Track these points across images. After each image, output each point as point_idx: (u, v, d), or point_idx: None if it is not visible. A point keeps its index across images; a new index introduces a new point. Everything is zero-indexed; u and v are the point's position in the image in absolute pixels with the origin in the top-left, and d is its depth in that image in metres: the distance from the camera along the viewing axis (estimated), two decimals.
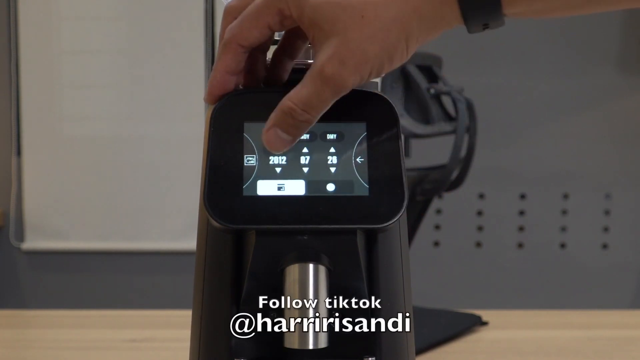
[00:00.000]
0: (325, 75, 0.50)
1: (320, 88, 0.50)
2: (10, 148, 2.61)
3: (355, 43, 0.49)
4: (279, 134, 0.51)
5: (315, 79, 0.50)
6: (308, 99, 0.50)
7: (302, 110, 0.50)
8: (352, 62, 0.49)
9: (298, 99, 0.50)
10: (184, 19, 2.55)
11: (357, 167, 0.52)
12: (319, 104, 0.50)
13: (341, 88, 0.50)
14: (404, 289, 0.55)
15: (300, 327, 0.50)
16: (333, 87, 0.50)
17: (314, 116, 0.51)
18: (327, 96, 0.50)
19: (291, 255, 0.51)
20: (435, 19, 0.50)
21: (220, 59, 0.53)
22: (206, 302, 0.54)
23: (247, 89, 0.55)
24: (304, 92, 0.50)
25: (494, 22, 0.51)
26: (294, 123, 0.50)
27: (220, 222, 0.50)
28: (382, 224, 0.50)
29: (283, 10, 0.51)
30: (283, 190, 0.51)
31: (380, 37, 0.49)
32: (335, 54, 0.49)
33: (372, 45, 0.49)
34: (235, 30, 0.52)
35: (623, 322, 1.21)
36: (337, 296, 0.52)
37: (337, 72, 0.49)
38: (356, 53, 0.49)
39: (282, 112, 0.50)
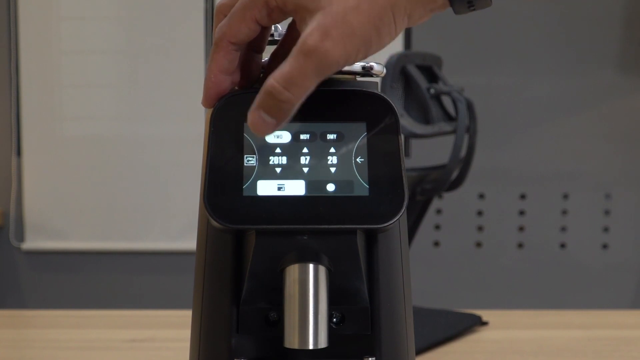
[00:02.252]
0: (307, 48, 0.47)
1: (301, 63, 0.48)
2: (10, 148, 2.61)
3: (340, 15, 0.48)
4: (262, 116, 0.49)
5: (297, 54, 0.48)
6: (289, 75, 0.48)
7: (283, 88, 0.48)
8: (335, 32, 0.48)
9: (280, 76, 0.48)
10: (184, 19, 2.55)
11: (357, 167, 0.52)
12: (301, 80, 0.48)
13: (324, 61, 0.48)
14: (404, 289, 0.55)
15: (300, 327, 0.50)
16: (316, 60, 0.48)
17: (296, 95, 0.48)
18: (310, 71, 0.48)
19: (291, 255, 0.51)
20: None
21: (213, 59, 0.52)
22: (206, 302, 0.54)
23: (247, 89, 0.55)
24: (285, 68, 0.48)
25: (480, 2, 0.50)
26: (275, 103, 0.48)
27: (220, 222, 0.50)
28: (382, 224, 0.50)
29: (269, 3, 0.50)
30: (283, 190, 0.51)
31: (365, 8, 0.48)
32: (317, 26, 0.48)
33: (357, 16, 0.48)
34: (225, 28, 0.51)
35: (623, 322, 1.21)
36: (337, 296, 0.52)
37: (319, 43, 0.47)
38: (340, 24, 0.48)
39: (265, 92, 0.48)
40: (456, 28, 2.53)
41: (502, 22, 2.55)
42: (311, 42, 0.47)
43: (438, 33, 2.51)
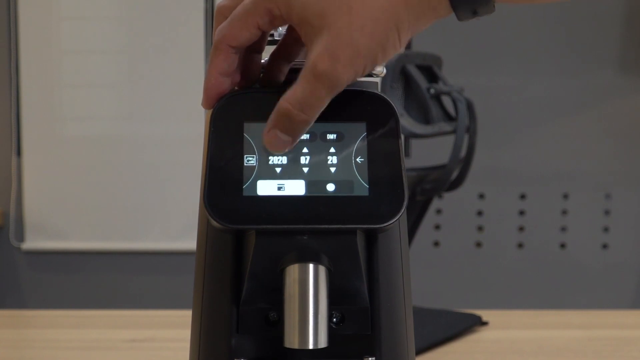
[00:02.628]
0: (318, 73, 0.49)
1: (314, 86, 0.49)
2: (10, 148, 2.61)
3: (346, 36, 0.49)
4: (279, 135, 0.50)
5: (308, 78, 0.49)
6: (303, 98, 0.49)
7: (299, 111, 0.49)
8: (344, 56, 0.49)
9: (294, 100, 0.50)
10: (184, 19, 2.55)
11: (357, 167, 0.52)
12: (315, 102, 0.50)
13: (335, 84, 0.49)
14: (404, 289, 0.55)
15: (300, 327, 0.50)
16: (327, 84, 0.49)
17: (311, 115, 0.50)
18: (322, 94, 0.49)
19: (291, 255, 0.51)
20: (422, 6, 0.50)
21: (212, 62, 0.53)
22: (206, 302, 0.54)
23: (247, 89, 0.55)
24: (298, 91, 0.49)
25: (483, 8, 0.50)
26: (291, 125, 0.50)
27: (220, 222, 0.50)
28: (382, 224, 0.50)
29: (272, 10, 0.50)
30: (283, 190, 0.51)
31: (370, 28, 0.49)
32: (326, 50, 0.49)
33: (363, 36, 0.49)
34: (225, 31, 0.52)
35: (623, 322, 1.21)
36: (337, 296, 0.52)
37: (329, 68, 0.49)
38: (347, 46, 0.49)
39: (279, 113, 0.50)
40: (456, 28, 2.53)
41: (502, 22, 2.55)
42: (322, 67, 0.49)
43: (438, 33, 2.51)
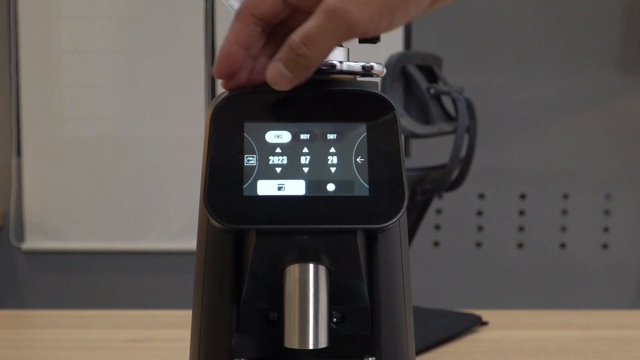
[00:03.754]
0: (328, 8, 0.48)
1: (322, 21, 0.49)
2: (10, 148, 2.61)
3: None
4: (281, 69, 0.50)
5: (320, 12, 0.49)
6: (308, 31, 0.49)
7: (302, 44, 0.49)
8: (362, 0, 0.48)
9: (301, 32, 0.49)
10: (184, 19, 2.55)
11: (357, 167, 0.52)
12: (321, 38, 0.49)
13: (345, 22, 0.49)
14: (404, 289, 0.55)
15: (300, 327, 0.50)
16: (337, 20, 0.48)
17: (314, 52, 0.49)
18: (330, 30, 0.49)
19: (291, 255, 0.51)
20: None
21: (232, 29, 0.52)
22: (206, 302, 0.54)
23: (247, 88, 0.55)
24: (307, 25, 0.49)
25: None
26: (293, 57, 0.49)
27: (220, 222, 0.50)
28: (382, 224, 0.50)
29: None
30: (283, 190, 0.51)
31: None
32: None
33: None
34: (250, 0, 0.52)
35: (623, 322, 1.21)
36: (337, 296, 0.52)
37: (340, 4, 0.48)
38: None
39: (286, 45, 0.50)
40: (456, 28, 2.53)
41: (502, 22, 2.55)
42: (333, 2, 0.48)
43: (438, 33, 2.51)
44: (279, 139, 0.52)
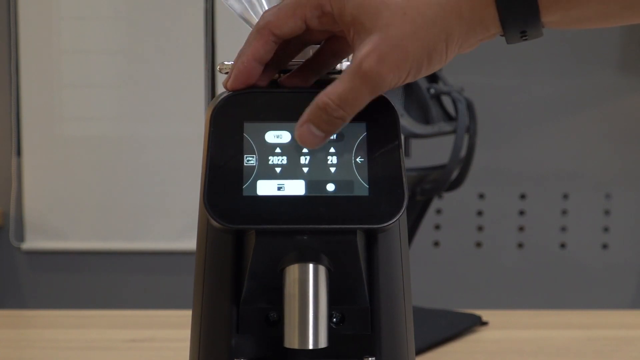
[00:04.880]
0: (363, 71, 0.49)
1: (357, 84, 0.49)
2: (10, 148, 2.61)
3: (396, 39, 0.49)
4: (312, 129, 0.50)
5: (352, 75, 0.49)
6: (344, 94, 0.50)
7: (337, 106, 0.50)
8: (391, 58, 0.49)
9: (334, 94, 0.50)
10: (184, 19, 2.55)
11: (357, 167, 0.52)
12: (355, 100, 0.50)
13: (379, 85, 0.50)
14: (404, 289, 0.55)
15: (300, 327, 0.50)
16: (370, 83, 0.49)
17: (349, 113, 0.50)
18: (364, 92, 0.50)
19: (291, 255, 0.51)
20: (474, 20, 0.50)
21: (251, 45, 0.52)
22: (206, 302, 0.54)
23: (247, 89, 0.55)
24: (340, 87, 0.50)
25: (532, 29, 0.51)
26: (327, 119, 0.50)
27: (220, 222, 0.50)
28: (382, 224, 0.50)
29: (323, 6, 0.51)
30: (283, 190, 0.51)
31: (421, 35, 0.49)
32: (374, 50, 0.49)
33: (413, 42, 0.49)
34: (271, 18, 0.52)
35: (623, 322, 1.21)
36: (337, 296, 0.52)
37: (375, 67, 0.49)
38: (396, 50, 0.49)
39: (317, 107, 0.50)
40: None
41: None
42: (367, 66, 0.49)
43: None
44: (278, 139, 0.52)
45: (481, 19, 0.50)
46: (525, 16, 0.50)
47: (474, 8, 0.50)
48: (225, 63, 0.56)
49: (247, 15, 0.59)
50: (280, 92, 0.54)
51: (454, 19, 0.50)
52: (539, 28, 0.51)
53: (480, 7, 0.50)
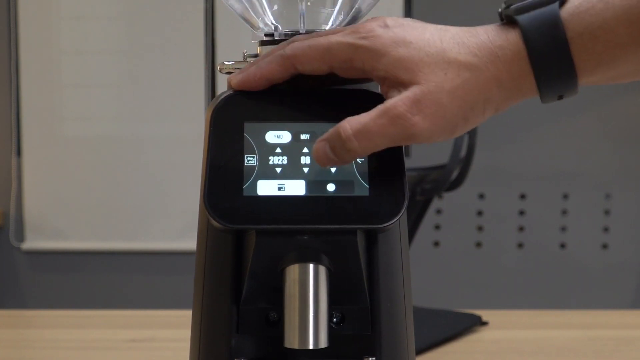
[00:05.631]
0: (394, 113, 0.48)
1: (383, 123, 0.48)
2: (10, 148, 2.61)
3: (436, 94, 0.48)
4: (326, 149, 0.49)
5: (382, 113, 0.48)
6: (365, 128, 0.48)
7: (354, 137, 0.48)
8: (428, 110, 0.48)
9: (356, 124, 0.48)
10: (184, 19, 2.55)
11: (357, 167, 0.52)
12: (374, 138, 0.48)
13: (406, 132, 0.48)
14: (404, 289, 0.55)
15: (300, 327, 0.50)
16: (398, 127, 0.48)
17: (363, 148, 0.49)
18: (386, 134, 0.48)
19: (291, 255, 0.51)
20: (513, 89, 0.50)
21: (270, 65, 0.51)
22: (206, 302, 0.54)
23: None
24: (366, 119, 0.48)
25: (569, 92, 0.50)
26: (340, 145, 0.49)
27: (220, 222, 0.50)
28: (382, 224, 0.50)
29: (353, 61, 0.50)
30: (283, 190, 0.51)
31: (460, 95, 0.49)
32: (413, 97, 0.48)
33: (452, 100, 0.48)
34: (299, 52, 0.51)
35: (623, 322, 1.21)
36: (337, 296, 0.52)
37: (409, 113, 0.48)
38: (434, 103, 0.48)
39: (336, 130, 0.49)
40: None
41: None
42: (401, 109, 0.48)
43: None
44: (279, 139, 0.52)
45: (519, 87, 0.50)
46: (563, 83, 0.50)
47: (513, 77, 0.49)
48: (225, 63, 0.56)
49: (247, 15, 0.59)
50: (280, 92, 0.53)
51: (493, 86, 0.49)
52: (576, 90, 0.50)
53: (520, 76, 0.49)
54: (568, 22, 0.49)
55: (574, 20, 0.49)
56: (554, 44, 0.48)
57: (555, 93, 0.50)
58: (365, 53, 0.49)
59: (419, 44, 0.49)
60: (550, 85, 0.50)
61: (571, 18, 0.49)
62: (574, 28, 0.49)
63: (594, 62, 0.49)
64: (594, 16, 0.48)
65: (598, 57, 0.49)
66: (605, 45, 0.48)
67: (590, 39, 0.48)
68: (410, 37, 0.50)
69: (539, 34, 0.49)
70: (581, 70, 0.49)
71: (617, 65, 0.49)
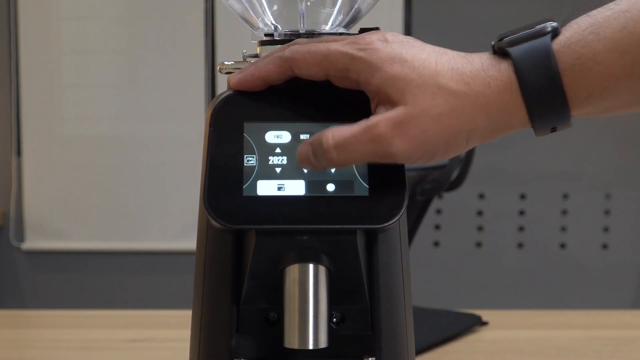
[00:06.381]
0: (375, 132, 0.48)
1: (363, 139, 0.48)
2: (10, 148, 2.61)
3: (420, 119, 0.48)
4: (308, 152, 0.50)
5: (364, 130, 0.48)
6: (346, 141, 0.49)
7: (332, 147, 0.49)
8: (409, 134, 0.48)
9: (338, 135, 0.49)
10: (184, 19, 2.55)
11: (357, 167, 0.52)
12: (352, 152, 0.49)
13: (384, 152, 0.49)
14: (404, 289, 0.55)
15: (300, 327, 0.50)
16: (376, 147, 0.48)
17: (339, 159, 0.49)
18: (365, 151, 0.49)
19: (291, 255, 0.51)
20: (502, 121, 0.50)
21: (268, 65, 0.52)
22: (206, 302, 0.54)
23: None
24: (348, 133, 0.49)
25: (562, 125, 0.50)
26: (319, 152, 0.49)
27: (220, 222, 0.50)
28: (382, 224, 0.50)
29: (349, 72, 0.50)
30: (283, 190, 0.51)
31: (444, 122, 0.49)
32: (396, 119, 0.48)
33: (434, 126, 0.49)
34: (298, 56, 0.51)
35: (623, 322, 1.21)
36: (337, 296, 0.52)
37: (389, 135, 0.48)
38: (416, 128, 0.48)
39: (319, 138, 0.49)
40: (456, 28, 2.53)
41: (502, 22, 2.54)
42: (382, 130, 0.48)
43: (438, 32, 2.51)
44: (278, 139, 0.52)
45: (509, 119, 0.50)
46: (555, 115, 0.49)
47: (502, 108, 0.49)
48: (225, 63, 0.56)
49: (247, 15, 0.59)
50: (280, 92, 0.53)
51: (480, 116, 0.49)
52: (569, 122, 0.50)
53: (510, 108, 0.49)
54: (560, 54, 0.49)
55: (565, 52, 0.49)
56: (545, 76, 0.48)
57: (548, 125, 0.50)
58: (362, 65, 0.50)
59: (414, 63, 0.49)
60: (542, 116, 0.50)
61: (563, 50, 0.49)
62: (565, 60, 0.49)
63: (586, 93, 0.49)
64: (585, 47, 0.48)
65: (590, 88, 0.49)
66: (597, 76, 0.48)
67: (581, 70, 0.48)
68: (407, 55, 0.50)
69: (530, 65, 0.49)
70: (573, 101, 0.49)
71: (609, 97, 0.49)
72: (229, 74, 0.55)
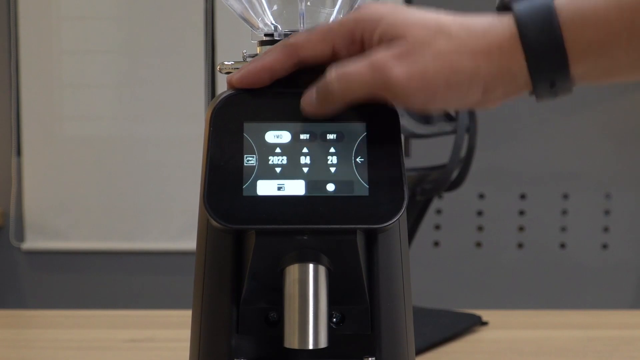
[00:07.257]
0: (374, 60, 0.49)
1: (364, 69, 0.50)
2: (10, 148, 2.61)
3: (420, 50, 0.49)
4: (312, 95, 0.51)
5: (367, 60, 0.50)
6: (347, 72, 0.50)
7: (335, 79, 0.50)
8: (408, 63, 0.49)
9: (341, 68, 0.50)
10: (184, 19, 2.55)
11: (357, 167, 0.52)
12: (354, 82, 0.50)
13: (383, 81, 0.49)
14: (404, 289, 0.55)
15: (300, 327, 0.50)
16: (378, 74, 0.49)
17: (341, 89, 0.50)
18: (366, 79, 0.50)
19: (291, 255, 0.51)
20: (503, 67, 0.50)
21: (271, 57, 0.52)
22: (206, 302, 0.54)
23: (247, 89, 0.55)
24: (349, 65, 0.50)
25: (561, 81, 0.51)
26: (324, 88, 0.51)
27: (220, 222, 0.50)
28: (382, 224, 0.50)
29: (354, 32, 0.51)
30: (283, 190, 0.51)
31: (446, 59, 0.49)
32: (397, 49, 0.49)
33: (434, 60, 0.49)
34: (300, 39, 0.52)
35: (623, 322, 1.21)
36: (337, 296, 0.52)
37: (388, 63, 0.49)
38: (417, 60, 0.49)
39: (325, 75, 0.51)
40: None
41: None
42: (381, 58, 0.49)
43: None
44: (278, 139, 0.52)
45: (510, 66, 0.50)
46: (554, 64, 0.50)
47: (504, 54, 0.50)
48: (225, 63, 0.56)
49: (247, 15, 0.59)
50: (280, 92, 0.53)
51: (481, 57, 0.50)
52: (569, 80, 0.51)
53: (509, 52, 0.50)
54: (560, 8, 0.50)
55: (566, 6, 0.50)
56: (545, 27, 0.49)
57: (547, 78, 0.51)
58: (365, 22, 0.51)
59: (416, 13, 0.51)
60: (540, 65, 0.50)
61: (564, 4, 0.50)
62: (566, 14, 0.49)
63: (585, 44, 0.49)
64: (585, 2, 0.49)
65: (589, 41, 0.49)
66: (596, 31, 0.49)
67: (581, 24, 0.49)
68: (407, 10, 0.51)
69: (531, 17, 0.50)
70: (572, 53, 0.50)
71: (609, 54, 0.50)
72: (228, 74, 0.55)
